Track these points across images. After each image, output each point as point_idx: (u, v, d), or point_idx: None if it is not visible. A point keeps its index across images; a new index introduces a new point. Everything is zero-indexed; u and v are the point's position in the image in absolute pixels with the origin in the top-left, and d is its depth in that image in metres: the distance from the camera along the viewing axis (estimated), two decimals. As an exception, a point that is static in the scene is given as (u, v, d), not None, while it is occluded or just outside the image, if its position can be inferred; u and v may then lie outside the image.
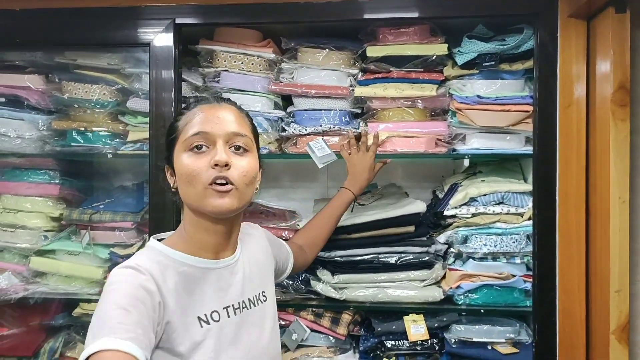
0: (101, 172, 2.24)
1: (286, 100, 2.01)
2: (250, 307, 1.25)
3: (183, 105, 1.26)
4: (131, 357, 0.94)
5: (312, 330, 1.88)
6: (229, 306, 1.20)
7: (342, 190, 1.78)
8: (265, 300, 1.31)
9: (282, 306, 1.91)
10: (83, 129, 1.96)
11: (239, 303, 1.22)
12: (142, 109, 1.92)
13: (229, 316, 1.19)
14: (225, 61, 1.92)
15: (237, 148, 1.16)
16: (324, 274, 1.89)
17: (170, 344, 1.08)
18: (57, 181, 2.02)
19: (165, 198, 1.77)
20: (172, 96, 1.77)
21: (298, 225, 1.95)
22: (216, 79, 1.94)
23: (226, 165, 1.11)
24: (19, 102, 1.98)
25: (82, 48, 1.95)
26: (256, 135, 1.27)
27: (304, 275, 1.93)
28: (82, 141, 1.96)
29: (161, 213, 1.77)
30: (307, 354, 1.86)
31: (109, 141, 1.95)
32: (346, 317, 1.88)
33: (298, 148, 1.93)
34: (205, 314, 1.15)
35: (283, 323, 1.90)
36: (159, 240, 1.22)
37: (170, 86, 1.78)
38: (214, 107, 1.19)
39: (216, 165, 1.11)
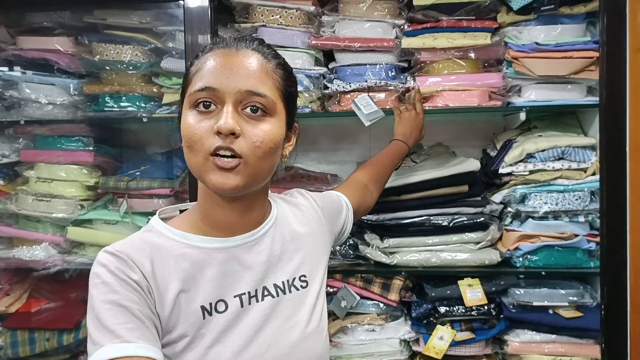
0: (136, 137, 2.16)
1: (328, 56, 1.89)
2: (278, 295, 1.02)
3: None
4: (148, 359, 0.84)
5: (362, 297, 1.79)
6: (242, 294, 0.98)
7: (395, 141, 1.62)
8: (305, 287, 1.06)
9: (329, 272, 1.79)
10: (116, 92, 1.88)
11: (256, 291, 0.99)
12: (177, 69, 1.82)
13: (242, 306, 0.97)
14: (262, 16, 1.81)
15: (254, 110, 0.92)
16: (372, 238, 1.80)
17: (166, 339, 0.93)
18: (91, 148, 1.94)
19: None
20: (209, 54, 1.68)
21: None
22: (253, 35, 1.83)
23: (233, 133, 0.89)
24: (49, 66, 1.90)
25: (112, 6, 1.86)
26: (288, 93, 1.00)
27: (351, 240, 1.85)
28: (115, 105, 1.88)
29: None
30: (357, 322, 1.78)
31: (143, 104, 1.87)
32: (397, 282, 1.79)
33: (342, 106, 1.82)
34: (210, 303, 0.95)
35: (331, 290, 1.82)
36: (163, 218, 1.04)
37: (206, 44, 1.69)
38: (229, 54, 0.93)
39: (219, 132, 0.88)
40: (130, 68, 1.86)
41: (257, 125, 0.92)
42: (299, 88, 1.77)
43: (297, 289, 1.05)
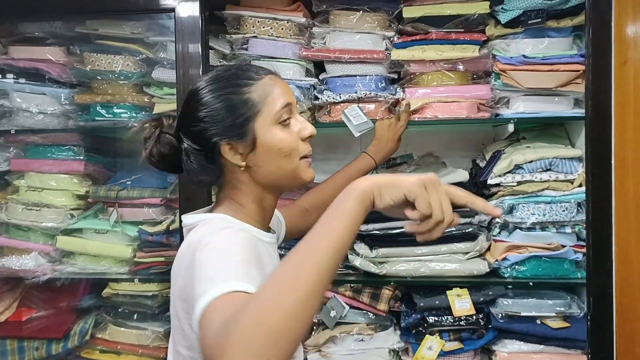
0: (127, 146, 2.16)
1: (318, 66, 1.91)
2: None
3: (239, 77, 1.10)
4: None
5: (351, 307, 1.80)
6: None
7: (363, 155, 1.65)
8: None
9: (318, 282, 1.84)
10: (107, 102, 1.88)
11: None
12: (168, 79, 1.83)
13: None
14: (253, 27, 1.83)
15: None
16: (362, 248, 1.81)
17: None
18: (82, 157, 1.95)
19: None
20: (200, 65, 1.69)
21: (333, 198, 1.86)
22: (244, 46, 1.84)
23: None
24: (40, 75, 1.90)
25: (104, 16, 1.86)
26: None
27: (340, 249, 1.85)
28: (106, 115, 1.88)
29: (192, 187, 1.70)
30: (346, 332, 1.78)
31: (134, 114, 1.88)
32: (386, 292, 1.80)
33: (332, 117, 1.84)
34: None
35: (320, 300, 1.83)
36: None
37: (197, 55, 1.70)
38: (278, 76, 1.13)
39: (310, 137, 1.11)
40: (122, 78, 1.87)
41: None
42: (290, 99, 1.80)
43: None
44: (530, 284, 1.73)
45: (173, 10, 1.71)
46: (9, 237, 1.95)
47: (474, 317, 1.74)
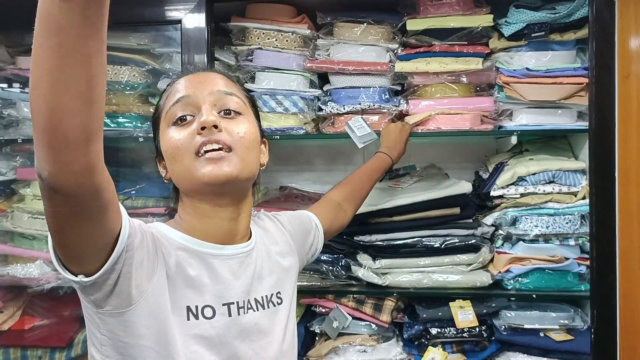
0: (132, 156, 2.18)
1: (322, 78, 1.92)
2: (257, 310, 1.03)
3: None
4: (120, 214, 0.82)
5: (354, 318, 1.80)
6: (231, 303, 0.98)
7: (378, 154, 1.66)
8: (280, 304, 1.09)
9: (321, 292, 1.85)
10: (113, 112, 1.90)
11: (244, 302, 1.00)
12: (173, 90, 1.84)
13: (230, 315, 0.98)
14: (258, 38, 1.84)
15: (228, 112, 0.98)
16: (364, 259, 1.81)
17: (131, 318, 0.87)
18: (87, 166, 1.96)
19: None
20: (205, 75, 1.71)
21: (336, 208, 1.86)
22: (249, 58, 1.86)
23: (215, 126, 0.93)
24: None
25: (111, 27, 1.85)
26: (252, 102, 1.08)
27: (344, 260, 1.85)
28: (112, 125, 1.89)
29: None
30: (348, 342, 1.78)
31: (139, 124, 1.89)
32: (389, 303, 1.80)
33: (336, 128, 1.85)
34: (196, 306, 0.94)
35: (323, 310, 1.83)
36: None
37: (202, 66, 1.72)
38: (196, 74, 1.03)
39: (203, 129, 0.92)
40: (128, 88, 1.88)
41: (235, 122, 0.98)
42: (294, 110, 1.82)
43: (274, 305, 1.07)
44: (534, 296, 1.72)
45: (179, 22, 1.73)
46: (14, 245, 1.96)
47: (477, 329, 1.74)
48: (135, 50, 1.89)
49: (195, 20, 1.72)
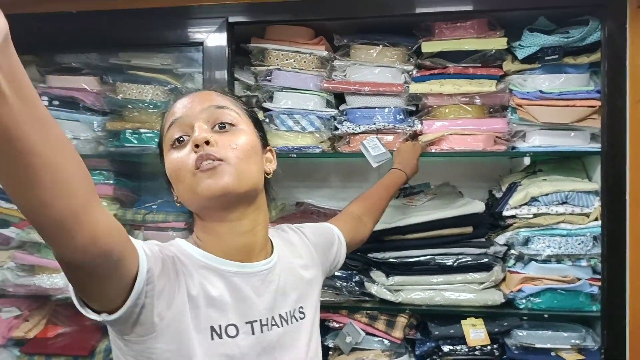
0: (153, 172, 2.25)
1: (339, 98, 1.97)
2: (281, 326, 1.03)
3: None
4: (135, 248, 0.83)
5: (367, 333, 1.83)
6: (254, 321, 0.98)
7: (393, 170, 1.69)
8: (302, 318, 1.09)
9: (335, 308, 1.88)
10: (136, 129, 1.97)
11: (267, 319, 1.01)
12: (195, 108, 1.91)
13: (253, 333, 0.98)
14: (277, 59, 1.90)
15: (222, 126, 0.98)
16: (378, 275, 1.84)
17: (155, 344, 0.88)
18: (111, 181, 2.03)
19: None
20: (225, 95, 1.77)
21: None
22: (268, 78, 1.92)
23: (207, 142, 0.93)
24: (75, 103, 2.00)
25: (136, 49, 1.96)
26: (250, 113, 1.07)
27: (357, 277, 1.89)
28: (135, 141, 1.96)
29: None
30: (361, 358, 1.81)
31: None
32: (402, 320, 1.83)
33: (351, 147, 1.89)
34: (220, 325, 0.94)
35: (337, 325, 1.87)
36: None
37: (223, 85, 1.78)
38: (190, 95, 1.03)
39: (196, 146, 0.93)
40: (151, 107, 1.95)
41: (229, 135, 0.97)
42: (311, 128, 1.87)
43: (297, 320, 1.07)
44: (545, 316, 1.74)
45: (201, 43, 1.79)
46: (40, 256, 2.03)
47: (489, 347, 1.76)
48: (159, 70, 1.97)
49: (216, 42, 1.78)
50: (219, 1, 1.79)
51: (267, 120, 1.91)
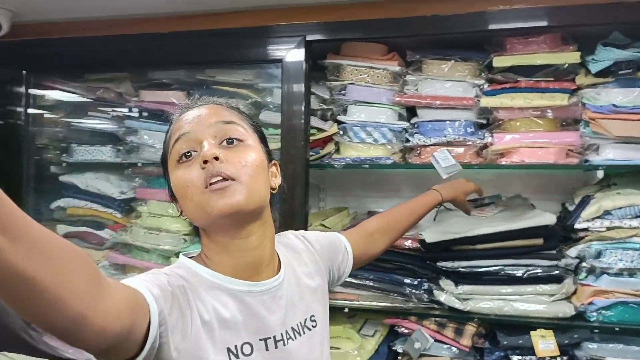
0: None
1: (410, 111, 2.04)
2: (295, 338, 1.03)
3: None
4: (142, 295, 0.80)
5: (435, 340, 1.88)
6: (268, 338, 0.98)
7: (430, 190, 1.70)
8: (315, 327, 1.09)
9: (404, 314, 1.94)
10: (220, 140, 2.10)
11: (281, 334, 1.00)
12: (273, 121, 2.03)
13: (267, 349, 0.97)
14: (351, 74, 1.99)
15: (230, 142, 0.96)
16: (447, 284, 1.89)
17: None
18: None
19: (295, 206, 1.88)
20: (302, 108, 1.88)
21: (420, 234, 1.96)
22: (342, 92, 2.01)
23: (216, 158, 0.91)
24: (164, 116, 2.16)
25: (220, 66, 2.10)
26: (255, 127, 1.05)
27: (426, 284, 1.94)
28: (217, 152, 2.10)
29: (290, 219, 1.87)
30: (431, 363, 1.87)
31: (242, 151, 2.08)
32: (470, 328, 1.87)
33: (422, 158, 1.95)
34: (235, 346, 0.93)
35: (406, 331, 1.93)
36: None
37: (300, 99, 1.89)
38: (195, 109, 1.01)
39: (205, 163, 0.91)
40: (234, 119, 2.09)
41: (238, 151, 0.96)
42: (383, 140, 1.94)
43: (309, 329, 1.07)
44: (617, 329, 1.73)
45: (281, 60, 1.91)
46: (131, 256, 2.21)
47: (558, 359, 1.77)
48: (240, 85, 2.11)
49: (295, 59, 1.89)
50: (297, 21, 1.90)
51: (341, 132, 2.01)
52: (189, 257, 1.02)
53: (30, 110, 2.24)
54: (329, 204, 2.42)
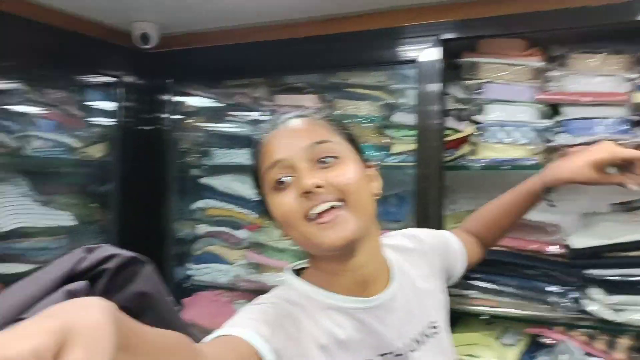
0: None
1: (552, 109, 1.92)
2: (418, 349, 0.98)
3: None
4: (247, 344, 0.78)
5: (585, 354, 1.75)
6: (388, 353, 0.94)
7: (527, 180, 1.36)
8: (437, 333, 1.04)
9: (548, 323, 1.84)
10: (352, 142, 2.12)
11: (399, 348, 0.96)
12: (406, 122, 2.01)
13: None
14: (488, 72, 1.92)
15: (324, 160, 0.91)
16: (596, 293, 1.76)
17: None
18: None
19: (429, 209, 1.85)
20: (437, 109, 1.84)
21: (565, 240, 1.84)
22: (479, 91, 1.94)
23: (318, 187, 0.87)
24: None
25: (353, 68, 2.12)
26: (347, 134, 0.99)
27: (574, 293, 1.82)
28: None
29: (426, 222, 1.84)
30: (577, 378, 1.75)
31: (375, 153, 2.08)
32: (624, 341, 1.73)
33: (567, 159, 1.84)
34: None
35: (549, 342, 1.82)
36: (297, 273, 1.01)
37: (435, 99, 1.85)
38: (283, 131, 0.95)
39: (305, 193, 0.87)
40: (367, 121, 2.10)
41: (335, 169, 0.90)
42: (523, 140, 1.85)
43: (431, 336, 1.02)
44: None
45: (414, 61, 1.88)
46: (267, 256, 2.28)
47: None
48: (373, 87, 2.11)
49: (429, 58, 1.86)
50: (431, 20, 1.86)
51: (478, 132, 1.94)
52: (296, 271, 1.00)
53: (174, 117, 2.39)
54: (461, 207, 2.35)
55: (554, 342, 1.81)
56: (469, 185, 2.32)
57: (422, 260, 1.12)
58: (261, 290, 2.21)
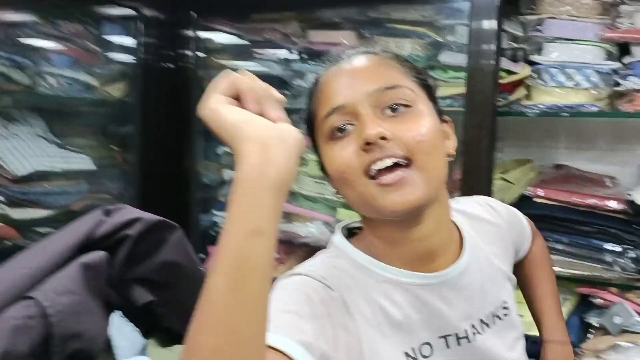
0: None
1: (622, 49, 1.73)
2: (484, 331, 0.86)
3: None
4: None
5: (641, 316, 1.64)
6: (449, 335, 0.82)
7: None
8: (507, 315, 0.91)
9: (602, 284, 1.72)
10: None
11: (465, 330, 0.84)
12: (455, 62, 1.84)
13: (448, 346, 0.82)
14: (550, 6, 1.73)
15: (395, 109, 0.77)
16: (658, 252, 1.63)
17: None
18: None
19: (480, 159, 1.70)
20: (493, 48, 1.66)
21: (628, 194, 1.69)
22: (538, 27, 1.76)
23: (383, 138, 0.74)
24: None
25: (396, 1, 1.94)
26: (421, 80, 0.83)
27: (633, 252, 1.69)
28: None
29: (472, 175, 1.70)
30: (634, 341, 1.63)
31: (419, 96, 1.92)
32: (687, 306, 1.61)
33: (635, 105, 1.66)
34: (413, 348, 0.79)
35: (602, 303, 1.70)
36: (348, 234, 0.89)
37: (490, 37, 1.67)
38: (346, 70, 0.81)
39: (367, 144, 0.74)
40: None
41: (406, 121, 0.77)
42: (587, 84, 1.68)
43: (500, 319, 0.90)
44: None
45: (468, -8, 1.69)
46: (297, 204, 2.16)
47: None
48: (418, 22, 1.92)
49: (485, -10, 1.67)
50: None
51: (534, 75, 1.76)
52: (348, 230, 0.89)
53: (198, 54, 2.24)
54: (507, 156, 2.19)
55: (607, 303, 1.69)
56: (515, 132, 2.15)
57: (497, 234, 0.99)
58: (291, 240, 2.15)
